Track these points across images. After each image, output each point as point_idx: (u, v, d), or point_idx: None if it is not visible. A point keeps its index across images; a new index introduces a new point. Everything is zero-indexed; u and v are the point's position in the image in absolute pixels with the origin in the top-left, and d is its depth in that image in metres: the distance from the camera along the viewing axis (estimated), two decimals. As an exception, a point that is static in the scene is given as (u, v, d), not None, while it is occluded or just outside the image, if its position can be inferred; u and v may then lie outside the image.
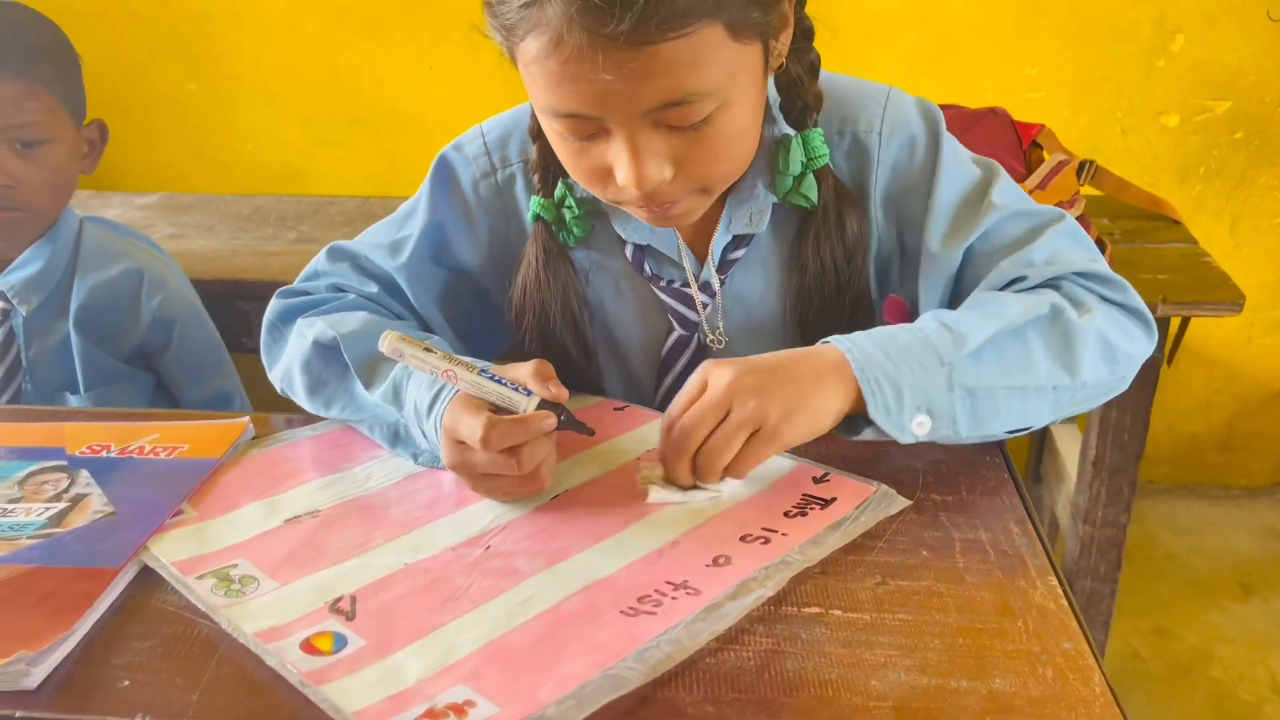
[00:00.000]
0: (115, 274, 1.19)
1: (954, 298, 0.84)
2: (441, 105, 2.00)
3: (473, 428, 0.70)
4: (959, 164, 0.85)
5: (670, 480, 0.74)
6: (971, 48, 1.85)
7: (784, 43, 0.76)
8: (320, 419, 0.87)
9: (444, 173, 0.91)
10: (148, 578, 0.67)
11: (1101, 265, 0.83)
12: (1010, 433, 0.76)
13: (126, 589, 0.66)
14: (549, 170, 0.85)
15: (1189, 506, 2.16)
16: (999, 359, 0.74)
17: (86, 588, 0.65)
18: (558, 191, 0.86)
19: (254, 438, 0.84)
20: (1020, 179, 1.38)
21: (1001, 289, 0.80)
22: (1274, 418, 2.12)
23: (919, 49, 1.83)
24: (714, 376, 0.71)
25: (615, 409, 0.87)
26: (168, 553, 0.69)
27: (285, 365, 0.87)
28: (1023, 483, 0.77)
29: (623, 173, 0.72)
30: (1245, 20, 1.80)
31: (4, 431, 0.83)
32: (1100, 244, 1.33)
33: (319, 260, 0.94)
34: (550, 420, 0.71)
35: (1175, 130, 1.90)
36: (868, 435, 0.74)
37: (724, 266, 0.87)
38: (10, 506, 0.73)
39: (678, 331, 0.90)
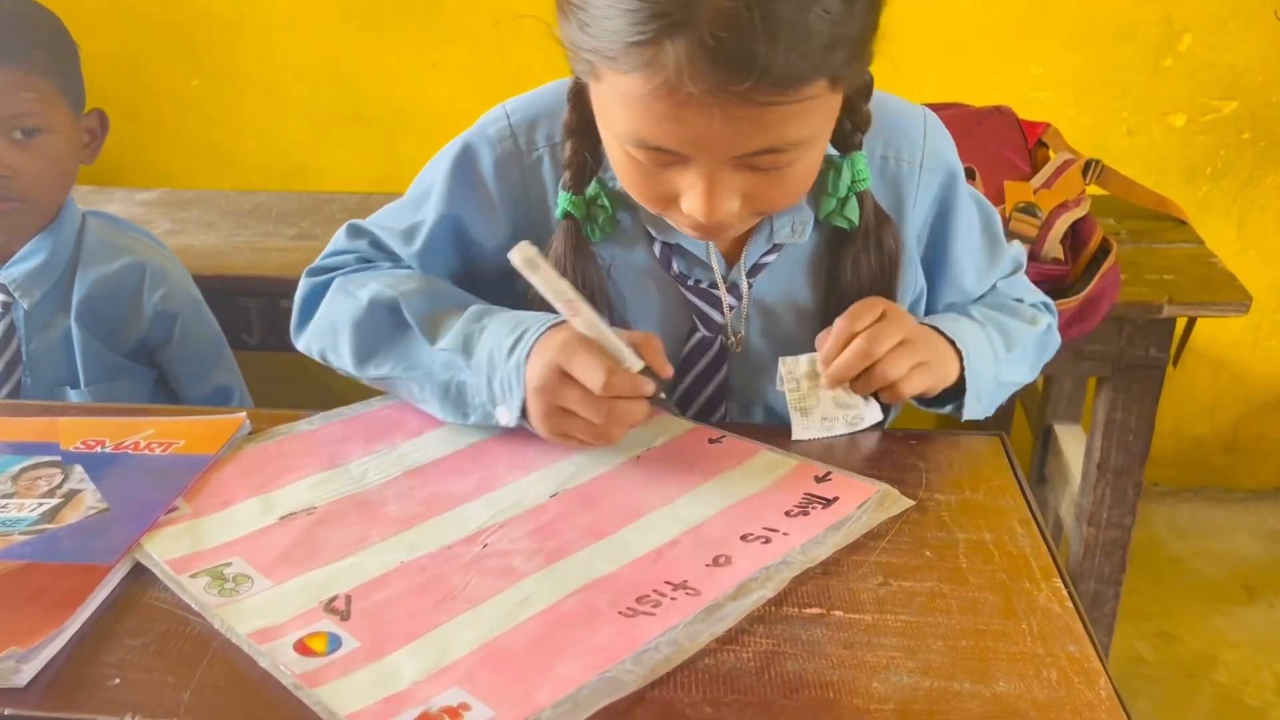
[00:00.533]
0: (117, 268, 1.19)
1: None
2: (444, 102, 2.00)
3: (593, 366, 0.72)
4: (974, 198, 0.92)
5: (835, 379, 0.80)
6: (977, 47, 1.84)
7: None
8: (317, 413, 0.86)
9: (465, 164, 0.88)
10: (140, 574, 0.66)
11: (1045, 296, 1.01)
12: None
13: (119, 586, 0.65)
14: (583, 169, 0.83)
15: (1193, 510, 2.15)
16: (1021, 360, 0.92)
17: (78, 584, 0.64)
18: (590, 190, 0.84)
19: (250, 433, 0.83)
20: (1025, 178, 1.37)
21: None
22: (1280, 420, 2.11)
23: (925, 48, 1.82)
24: (891, 308, 0.81)
25: (710, 440, 0.82)
26: (161, 550, 0.68)
27: (327, 327, 0.88)
28: (1027, 483, 0.76)
29: (692, 205, 0.71)
30: (1252, 20, 1.79)
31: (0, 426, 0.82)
32: (1106, 244, 1.32)
33: (338, 239, 0.94)
34: (651, 387, 0.74)
35: (1182, 130, 1.89)
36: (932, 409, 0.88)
37: (753, 271, 0.87)
38: (3, 502, 0.72)
39: (701, 332, 0.89)
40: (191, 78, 2.04)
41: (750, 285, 0.87)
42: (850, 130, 0.81)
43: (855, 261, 0.85)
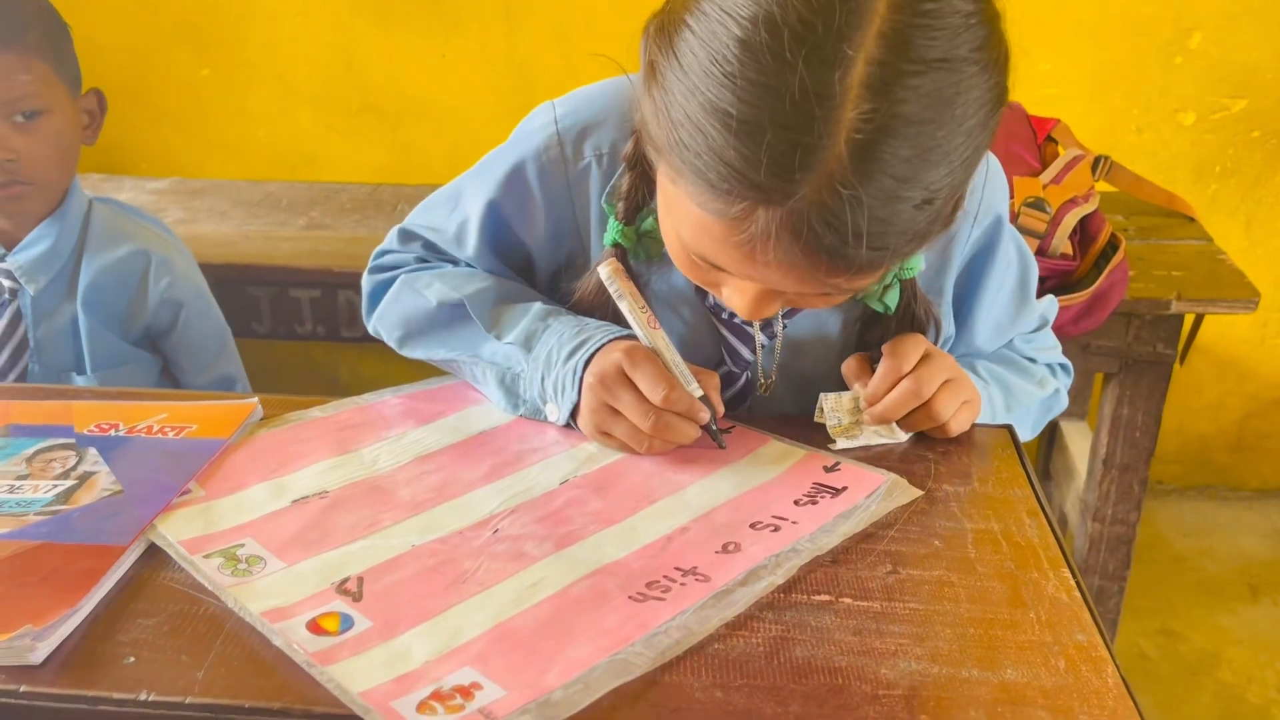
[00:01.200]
0: (124, 255, 1.19)
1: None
2: (454, 93, 2.00)
3: (657, 378, 0.75)
4: (1018, 249, 0.91)
5: (881, 419, 0.80)
6: (987, 42, 1.84)
7: None
8: (328, 401, 0.86)
9: (510, 168, 0.86)
10: (154, 556, 0.67)
11: (1064, 357, 1.00)
12: None
13: (133, 567, 0.66)
14: (638, 202, 0.80)
15: (1198, 508, 2.15)
16: (1021, 420, 0.91)
17: (93, 565, 0.64)
18: (646, 223, 0.81)
19: (262, 419, 0.83)
20: (1034, 173, 1.37)
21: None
22: (1286, 419, 2.11)
23: (934, 43, 1.82)
24: (932, 349, 0.81)
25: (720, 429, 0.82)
26: (175, 531, 0.68)
27: (397, 320, 0.91)
28: (1035, 475, 0.76)
29: (735, 305, 0.70)
30: (1263, 18, 1.79)
31: (13, 409, 0.83)
32: (1114, 240, 1.32)
33: (390, 241, 0.96)
34: (705, 414, 0.77)
35: (1191, 128, 1.89)
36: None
37: (789, 312, 0.86)
38: (18, 483, 0.72)
39: (728, 367, 0.88)
40: (201, 68, 2.04)
41: (785, 326, 0.86)
42: None
43: (883, 333, 0.84)
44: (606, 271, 0.78)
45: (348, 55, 2.00)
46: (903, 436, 0.80)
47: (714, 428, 0.78)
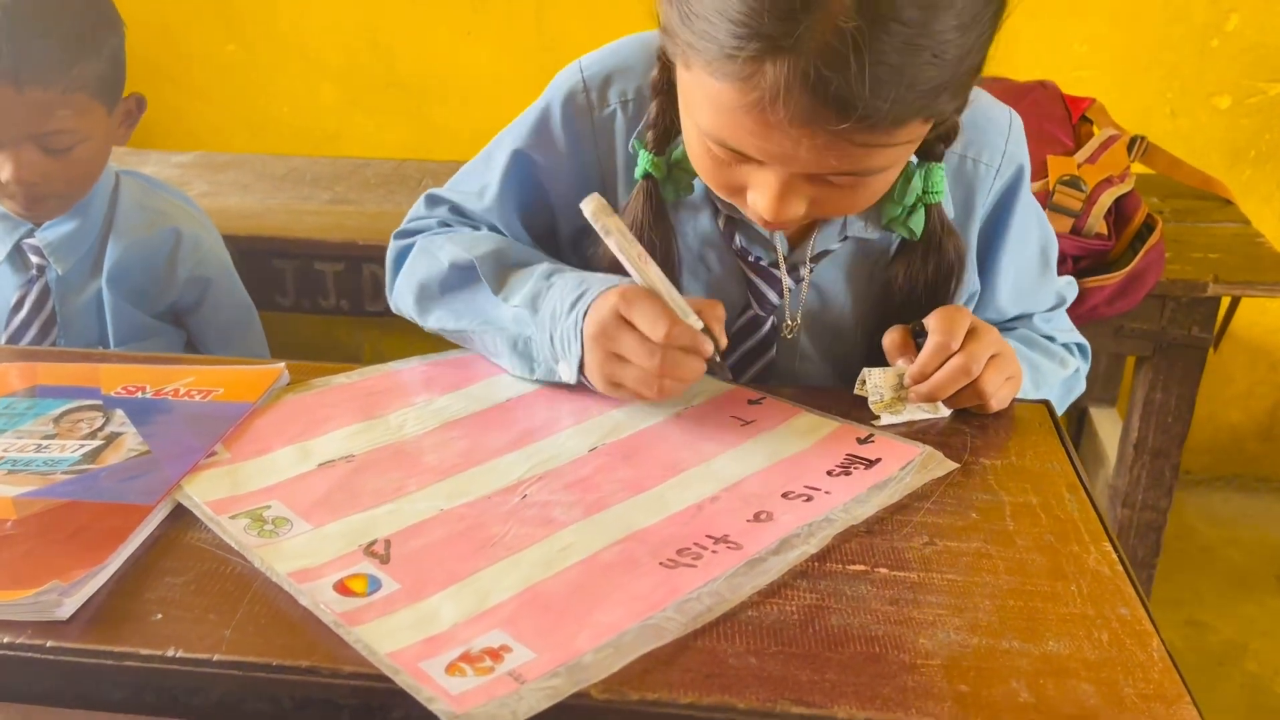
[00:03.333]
0: (151, 233, 1.18)
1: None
2: (479, 70, 1.99)
3: (656, 315, 0.72)
4: (1038, 217, 0.90)
5: (929, 397, 0.77)
6: (1022, 23, 1.79)
7: None
8: (354, 368, 0.85)
9: (538, 117, 0.87)
10: (181, 516, 0.66)
11: (1081, 338, 0.99)
12: None
13: (160, 526, 0.65)
14: (667, 130, 0.80)
15: (1226, 498, 2.12)
16: (1048, 395, 0.88)
17: (119, 523, 0.64)
18: (675, 152, 0.82)
19: (288, 384, 0.83)
20: (1069, 153, 1.35)
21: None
22: (1318, 409, 2.07)
23: (966, 22, 1.79)
24: (977, 322, 0.78)
25: (750, 400, 0.81)
26: (201, 492, 0.68)
27: (413, 286, 0.90)
28: (1074, 450, 0.75)
29: (759, 203, 0.70)
30: (1304, 0, 1.75)
31: (40, 371, 0.82)
32: (1150, 220, 1.30)
33: (418, 207, 0.96)
34: (709, 347, 0.74)
35: (1227, 112, 1.86)
36: None
37: (817, 257, 0.85)
38: (45, 443, 0.72)
39: (754, 310, 0.87)
40: (228, 43, 2.04)
41: (811, 270, 0.85)
42: (934, 141, 0.78)
43: (910, 269, 0.83)
44: (590, 208, 0.75)
45: (373, 32, 1.99)
46: (946, 412, 0.79)
47: (719, 359, 0.76)
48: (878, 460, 0.72)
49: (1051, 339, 0.94)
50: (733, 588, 0.59)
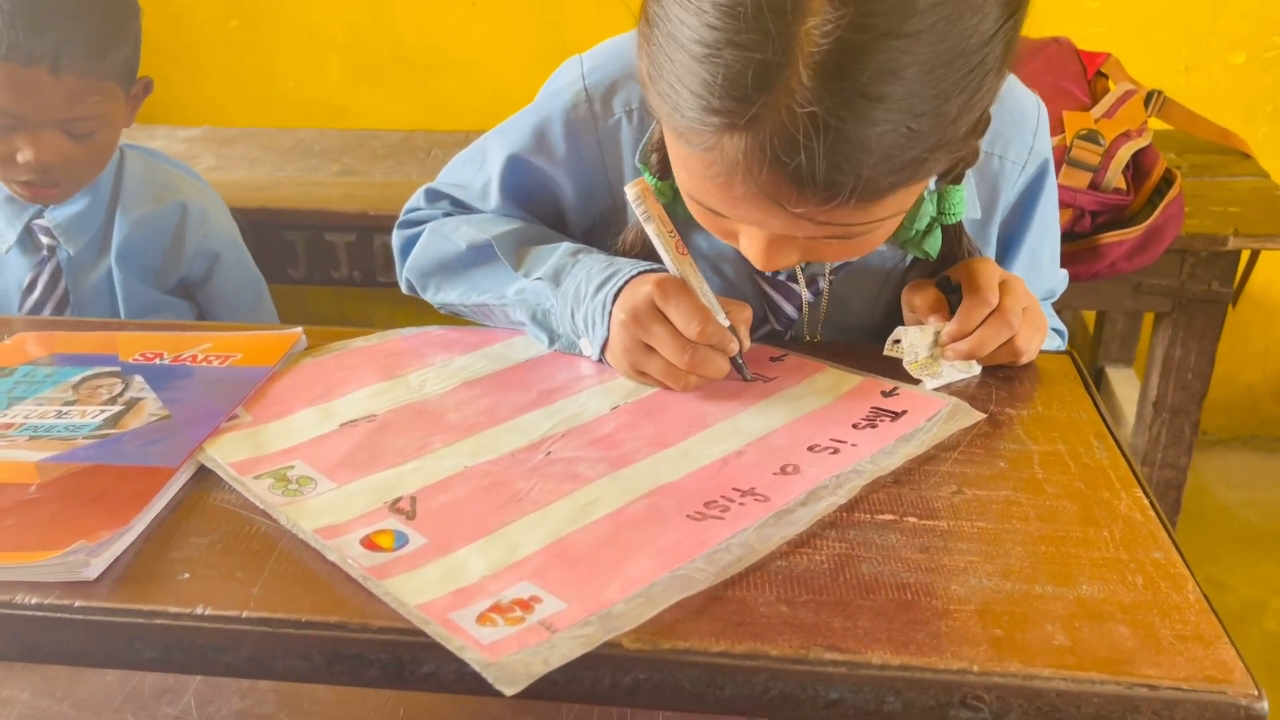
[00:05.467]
0: (158, 208, 1.18)
1: None
2: (484, 43, 1.97)
3: (692, 310, 0.71)
4: (1054, 214, 0.88)
5: (970, 355, 0.75)
6: (1032, -20, 1.79)
7: None
8: (371, 332, 0.85)
9: (537, 128, 0.84)
10: (204, 478, 0.66)
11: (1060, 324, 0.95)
12: None
13: (183, 488, 0.65)
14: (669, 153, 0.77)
15: (1243, 459, 2.11)
16: None
17: (143, 486, 0.63)
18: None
19: (306, 349, 0.82)
20: (1085, 108, 1.33)
21: None
22: (1335, 368, 2.06)
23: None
24: (1008, 275, 0.77)
25: (772, 358, 0.81)
26: (224, 454, 0.68)
27: (426, 266, 0.89)
28: (1100, 399, 0.74)
29: (749, 255, 0.67)
30: (1320, -49, 1.73)
31: (57, 340, 0.82)
32: (1169, 174, 1.29)
33: (417, 199, 0.94)
34: (735, 346, 0.74)
35: (1241, 68, 1.84)
36: None
37: (836, 269, 0.83)
38: (65, 409, 0.72)
39: (771, 325, 0.86)
40: (230, 18, 2.03)
41: (831, 283, 0.84)
42: (953, 167, 0.74)
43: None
44: (634, 192, 0.74)
45: (377, 5, 1.98)
46: (978, 370, 0.77)
47: (739, 360, 0.75)
48: (903, 412, 0.71)
49: None
50: (762, 538, 0.58)
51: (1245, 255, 1.36)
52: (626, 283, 0.74)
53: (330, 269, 1.47)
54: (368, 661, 0.53)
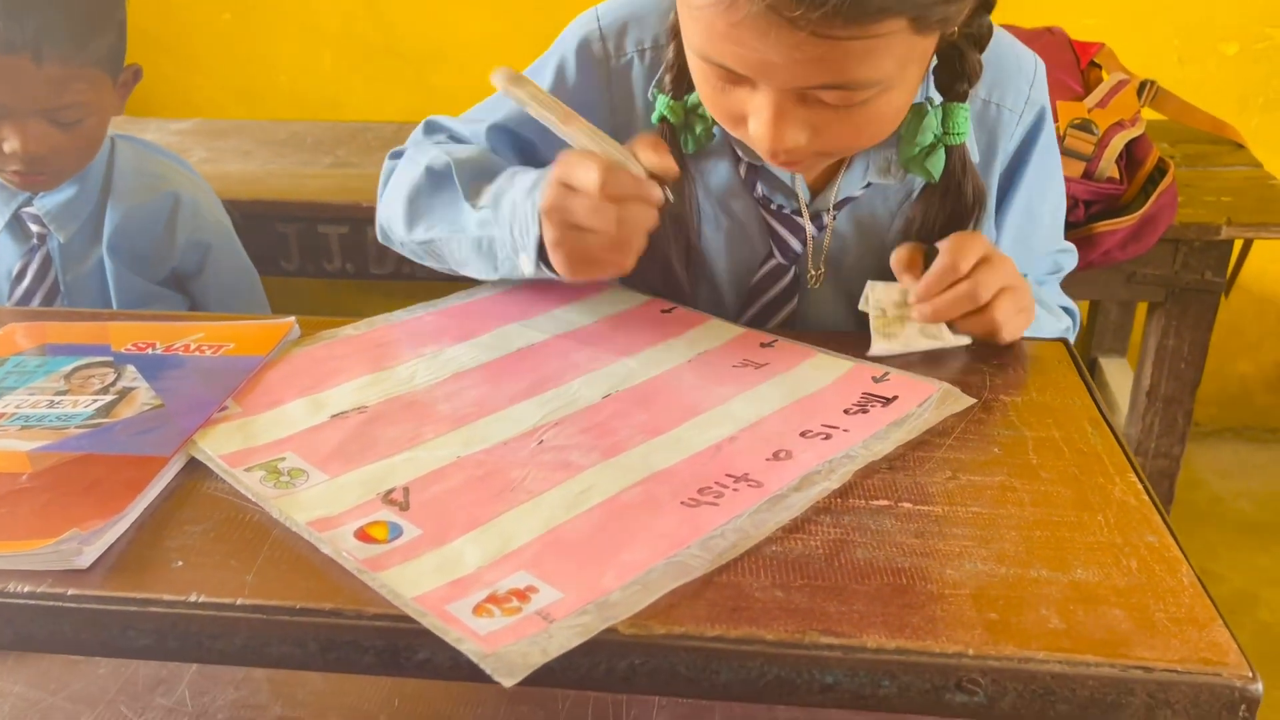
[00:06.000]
0: (150, 198, 1.17)
1: None
2: (478, 34, 1.97)
3: (589, 170, 0.69)
4: (1054, 167, 0.88)
5: (930, 318, 0.76)
6: (1025, -30, 1.79)
7: (961, 20, 0.70)
8: (361, 319, 0.85)
9: (552, 67, 0.86)
10: (197, 468, 0.66)
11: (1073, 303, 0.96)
12: None
13: (176, 478, 0.65)
14: (684, 70, 0.78)
15: (1236, 450, 2.11)
16: None
17: (136, 475, 0.63)
18: (692, 98, 0.80)
19: (299, 338, 0.82)
20: (1078, 98, 1.33)
21: None
22: (1327, 359, 2.06)
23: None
24: (993, 251, 0.77)
25: (663, 310, 0.84)
26: (215, 446, 0.67)
27: (391, 195, 0.89)
28: (1094, 385, 0.74)
29: (757, 130, 0.68)
30: (1312, -59, 1.73)
31: (49, 330, 0.82)
32: (1163, 164, 1.29)
33: (416, 132, 0.95)
34: (658, 192, 0.71)
35: (1234, 59, 1.84)
36: None
37: (840, 204, 0.84)
38: (57, 399, 0.71)
39: (776, 259, 0.86)
40: (223, 11, 2.02)
41: (834, 218, 0.84)
42: (954, 78, 0.76)
43: (927, 212, 0.82)
44: (501, 79, 0.71)
45: (370, -3, 1.97)
46: (951, 340, 0.78)
47: (665, 192, 0.72)
48: (894, 398, 0.71)
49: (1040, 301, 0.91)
50: (756, 524, 0.58)
51: (1238, 245, 1.36)
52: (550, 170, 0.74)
53: (323, 261, 1.47)
54: (362, 649, 0.53)
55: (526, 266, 0.77)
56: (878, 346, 0.78)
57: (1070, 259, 0.95)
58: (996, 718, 0.50)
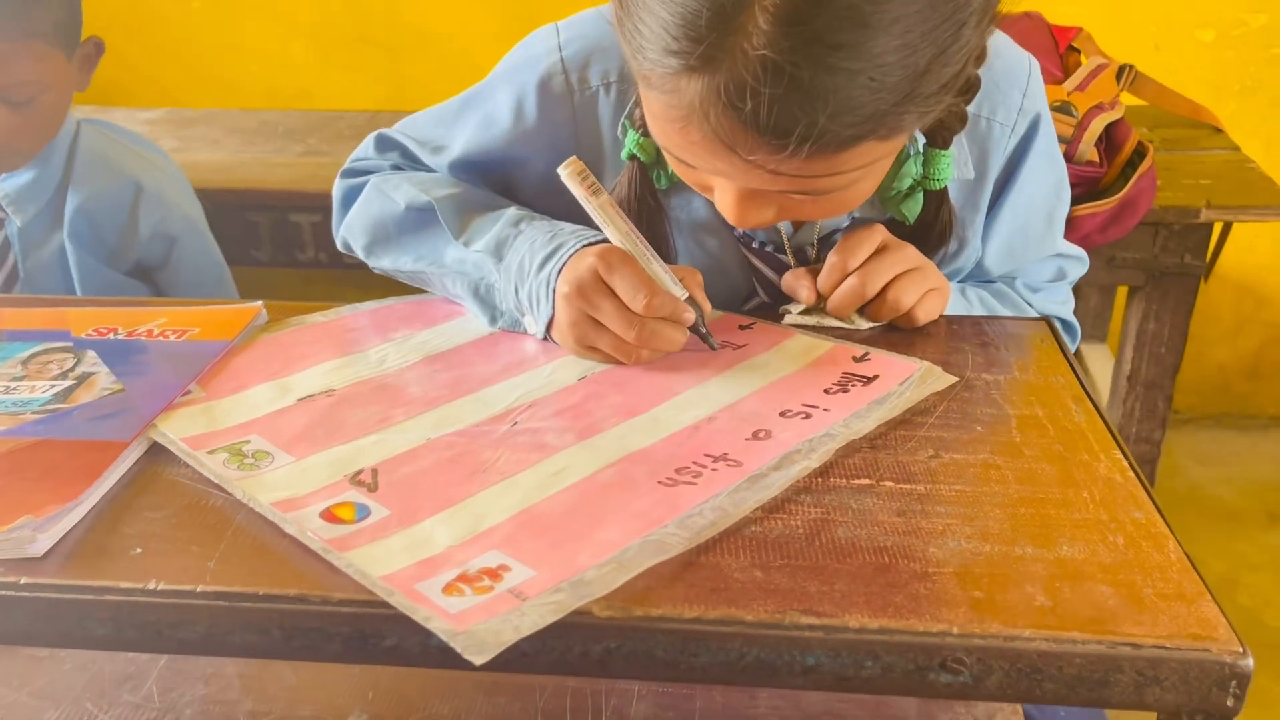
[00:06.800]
0: (111, 185, 1.14)
1: None
2: (452, 22, 1.94)
3: (638, 282, 0.69)
4: (1048, 172, 0.84)
5: (833, 312, 0.77)
6: (1002, -43, 1.78)
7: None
8: (330, 307, 0.83)
9: (508, 96, 0.82)
10: (158, 453, 0.64)
11: (1071, 316, 0.93)
12: None
13: (137, 463, 0.63)
14: None
15: (1215, 436, 2.12)
16: None
17: (94, 460, 0.61)
18: None
19: (266, 323, 0.80)
20: (1057, 82, 1.33)
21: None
22: (1304, 345, 2.07)
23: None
24: (892, 241, 0.76)
25: (741, 325, 0.79)
26: (177, 430, 0.65)
27: (364, 226, 0.86)
28: (1077, 364, 0.73)
29: (722, 207, 0.67)
30: (1288, -73, 1.73)
31: (6, 316, 0.79)
32: (1142, 147, 1.28)
33: (366, 148, 0.91)
34: (691, 315, 0.71)
35: (1211, 45, 1.84)
36: None
37: (823, 238, 0.81)
38: (13, 385, 0.69)
39: (760, 297, 0.84)
40: (193, 0, 1.99)
41: (818, 253, 0.82)
42: (938, 128, 0.73)
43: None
44: (567, 173, 0.71)
45: (343, -16, 1.95)
46: (863, 326, 0.78)
47: (703, 330, 0.73)
48: (875, 377, 0.70)
49: (1029, 305, 0.89)
50: (735, 502, 0.57)
51: (1217, 228, 1.36)
52: (571, 256, 0.72)
53: (295, 250, 1.45)
54: (328, 635, 0.52)
55: (533, 329, 0.76)
56: (794, 318, 0.79)
57: (1077, 266, 0.92)
58: (982, 697, 0.49)
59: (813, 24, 0.52)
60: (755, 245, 0.82)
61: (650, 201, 0.79)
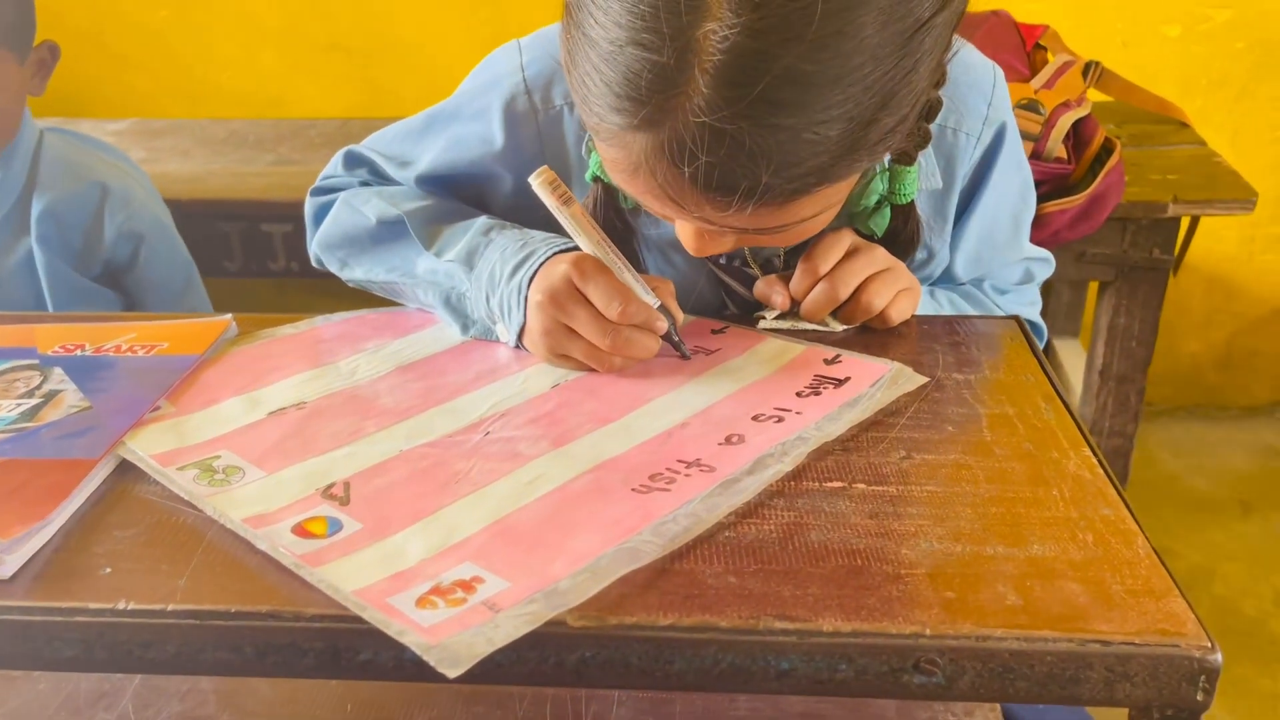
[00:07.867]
0: (76, 188, 1.14)
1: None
2: (423, 29, 1.94)
3: (612, 290, 0.69)
4: (1014, 179, 0.84)
5: (806, 317, 0.78)
6: (969, -44, 1.79)
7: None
8: (301, 318, 0.82)
9: (472, 116, 0.82)
10: (127, 471, 0.63)
11: (1038, 318, 0.93)
12: None
13: (106, 481, 0.62)
14: None
15: (1188, 428, 2.14)
16: None
17: (62, 479, 0.60)
18: None
19: (236, 336, 0.79)
20: (1024, 80, 1.34)
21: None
22: (1274, 336, 2.10)
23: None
24: (860, 243, 0.77)
25: (713, 330, 0.79)
26: (146, 446, 0.65)
27: (336, 240, 0.86)
28: (1047, 362, 0.74)
29: (681, 237, 0.67)
30: (1250, -77, 1.75)
31: (-29, 334, 0.78)
32: (1109, 143, 1.29)
33: (335, 165, 0.91)
34: (663, 324, 0.72)
35: (1177, 41, 1.85)
36: None
37: (792, 251, 0.81)
38: (-22, 404, 0.68)
39: (730, 310, 0.84)
40: (160, 7, 1.97)
41: (783, 263, 0.82)
42: (905, 150, 0.73)
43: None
44: (538, 182, 0.71)
45: (311, -9, 1.94)
46: (838, 328, 0.78)
47: (675, 338, 0.74)
48: (847, 379, 0.70)
49: (998, 306, 0.90)
50: (709, 508, 0.57)
51: (1185, 222, 1.37)
52: (542, 264, 0.72)
53: (267, 260, 1.44)
54: (301, 651, 0.51)
55: (505, 337, 0.76)
56: (768, 323, 0.79)
57: (1044, 267, 0.93)
58: (955, 697, 0.49)
59: (753, 84, 0.52)
60: (722, 262, 0.82)
61: (617, 222, 0.80)
